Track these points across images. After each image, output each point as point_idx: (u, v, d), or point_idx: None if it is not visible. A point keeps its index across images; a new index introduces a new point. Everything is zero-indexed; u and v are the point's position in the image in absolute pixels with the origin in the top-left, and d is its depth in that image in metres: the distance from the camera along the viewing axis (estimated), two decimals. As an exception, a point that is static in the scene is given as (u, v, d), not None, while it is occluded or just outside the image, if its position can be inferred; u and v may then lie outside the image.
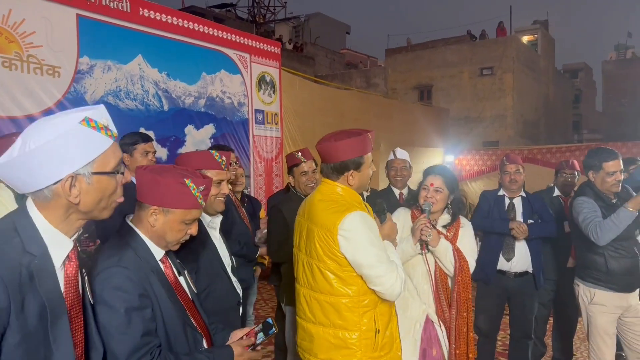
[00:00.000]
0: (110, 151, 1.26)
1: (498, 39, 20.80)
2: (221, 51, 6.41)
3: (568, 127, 28.37)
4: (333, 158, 2.13)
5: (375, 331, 2.10)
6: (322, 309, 2.12)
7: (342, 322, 2.08)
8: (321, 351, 2.13)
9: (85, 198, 1.22)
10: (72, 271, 1.24)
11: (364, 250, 2.02)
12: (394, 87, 21.25)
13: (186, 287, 1.71)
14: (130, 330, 1.43)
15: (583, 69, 36.22)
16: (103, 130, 1.23)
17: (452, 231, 2.78)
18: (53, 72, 4.51)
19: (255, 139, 6.99)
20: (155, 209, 1.58)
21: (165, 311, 1.53)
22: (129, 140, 3.12)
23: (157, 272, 1.58)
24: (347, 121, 9.42)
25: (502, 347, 4.57)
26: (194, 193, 1.59)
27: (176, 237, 1.62)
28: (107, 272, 1.47)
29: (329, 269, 2.08)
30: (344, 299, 2.08)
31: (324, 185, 2.22)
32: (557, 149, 12.16)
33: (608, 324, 3.15)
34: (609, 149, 3.24)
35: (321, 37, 26.62)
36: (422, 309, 2.65)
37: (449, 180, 2.72)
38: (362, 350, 2.08)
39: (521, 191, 3.85)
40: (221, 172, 2.17)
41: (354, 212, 2.03)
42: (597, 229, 2.96)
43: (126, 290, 1.45)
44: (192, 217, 1.62)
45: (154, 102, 5.52)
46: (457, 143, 14.49)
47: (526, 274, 3.72)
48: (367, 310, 2.10)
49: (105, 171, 1.24)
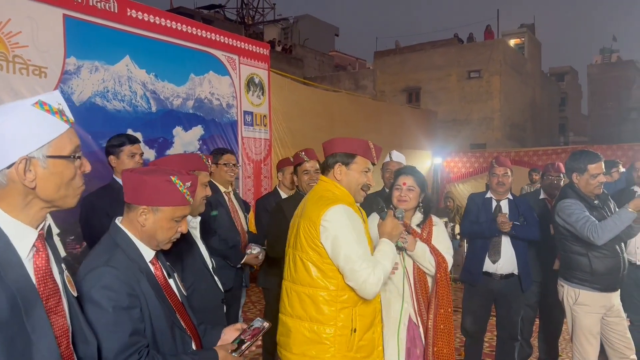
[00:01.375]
0: (66, 136, 1.23)
1: (485, 42, 20.97)
2: (209, 52, 6.39)
3: (554, 130, 28.66)
4: (327, 151, 2.28)
5: (352, 330, 2.11)
6: (301, 302, 2.15)
7: (318, 315, 2.10)
8: (296, 345, 2.14)
9: (42, 183, 1.20)
10: (42, 262, 1.22)
11: (342, 242, 2.06)
12: (382, 89, 21.33)
13: (176, 289, 1.71)
14: (118, 329, 1.43)
15: (569, 73, 36.64)
16: (58, 115, 1.22)
17: (425, 230, 2.86)
18: (39, 72, 4.47)
19: (244, 140, 6.97)
20: (145, 209, 1.58)
21: (154, 312, 1.54)
22: (116, 142, 3.11)
23: (146, 273, 1.59)
24: (336, 123, 9.44)
25: (489, 349, 4.61)
26: (182, 190, 1.60)
27: (167, 235, 1.62)
28: (96, 271, 1.47)
29: (311, 259, 2.13)
30: (323, 291, 2.11)
31: (319, 184, 2.33)
32: (544, 152, 12.30)
33: (593, 324, 3.19)
34: (592, 151, 3.30)
35: (310, 39, 26.64)
36: (404, 307, 2.67)
37: (420, 179, 2.83)
38: (336, 347, 2.09)
39: (508, 194, 3.90)
40: (207, 175, 2.22)
41: (338, 205, 2.11)
42: (597, 228, 2.99)
43: (115, 290, 1.45)
44: (182, 214, 1.63)
45: (141, 104, 5.48)
46: (445, 145, 14.57)
47: (512, 276, 3.76)
48: (346, 307, 2.11)
49: (61, 155, 1.22)
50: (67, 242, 4.58)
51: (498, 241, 3.77)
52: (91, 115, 4.91)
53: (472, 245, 3.99)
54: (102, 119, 5.00)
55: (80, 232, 3.32)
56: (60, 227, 4.34)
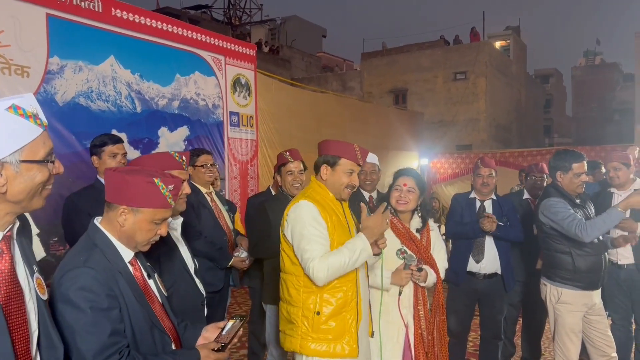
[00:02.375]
0: (40, 140, 1.23)
1: (471, 44, 21.12)
2: (195, 53, 6.36)
3: (539, 131, 28.95)
4: (318, 152, 2.46)
5: (315, 312, 2.27)
6: (281, 286, 2.42)
7: (289, 298, 2.34)
8: (280, 323, 2.45)
9: (12, 187, 1.20)
10: (4, 264, 1.21)
11: (297, 233, 2.25)
12: (369, 90, 21.39)
13: (156, 290, 1.69)
14: (97, 330, 1.42)
15: (554, 75, 37.03)
16: (32, 119, 1.21)
17: (424, 236, 2.84)
18: (22, 72, 4.42)
19: (230, 141, 6.96)
20: (125, 209, 1.57)
21: (133, 313, 1.52)
22: (98, 142, 3.08)
23: (125, 274, 1.57)
24: (324, 124, 9.45)
25: (473, 348, 4.64)
26: (164, 192, 1.59)
27: (146, 237, 1.61)
28: (73, 272, 1.45)
29: (283, 248, 2.39)
30: (291, 277, 2.34)
31: (309, 184, 2.51)
32: (529, 152, 12.42)
33: (575, 323, 3.23)
34: (576, 151, 3.36)
35: (297, 40, 26.62)
36: (404, 313, 2.68)
37: (420, 181, 2.81)
38: (303, 328, 2.28)
39: (492, 194, 3.93)
40: (182, 172, 2.17)
41: (301, 201, 2.31)
42: (585, 226, 3.03)
43: (92, 291, 1.44)
44: (162, 216, 1.62)
45: (126, 104, 5.45)
46: (432, 146, 14.65)
47: (495, 276, 3.80)
48: (310, 291, 2.27)
49: (35, 160, 1.21)
50: (51, 244, 4.54)
51: (482, 241, 3.80)
52: (75, 115, 4.87)
53: (456, 246, 4.02)
54: (86, 119, 4.96)
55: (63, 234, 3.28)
56: (44, 228, 4.29)
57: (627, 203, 3.05)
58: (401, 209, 2.74)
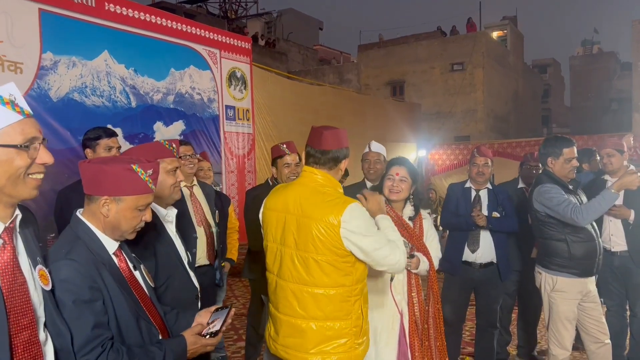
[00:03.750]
0: (17, 126, 1.25)
1: (468, 35, 21.06)
2: (190, 47, 6.35)
3: (537, 122, 28.93)
4: (332, 143, 2.20)
5: (362, 318, 2.20)
6: (317, 303, 2.14)
7: (338, 312, 2.14)
8: (312, 345, 2.15)
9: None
10: (7, 254, 1.24)
11: (367, 237, 2.09)
12: (366, 82, 21.36)
13: (142, 281, 1.69)
14: (80, 323, 1.42)
15: (551, 65, 36.96)
16: (9, 105, 1.24)
17: (417, 224, 2.85)
18: (15, 68, 4.41)
19: (226, 135, 6.95)
20: (107, 199, 1.56)
21: (117, 305, 1.52)
22: (92, 135, 3.06)
23: (109, 265, 1.56)
24: (321, 117, 9.44)
25: (469, 337, 4.67)
26: (143, 178, 1.58)
27: (131, 225, 1.61)
28: (55, 265, 1.45)
29: (327, 260, 2.11)
30: (341, 289, 2.14)
31: (306, 177, 2.25)
32: (527, 143, 12.42)
33: (569, 310, 3.25)
34: (566, 137, 3.37)
35: (294, 33, 26.53)
36: (397, 299, 2.70)
37: (412, 170, 2.81)
38: (351, 338, 2.16)
39: (487, 184, 3.94)
40: (174, 160, 2.15)
41: (352, 204, 2.12)
42: (580, 210, 3.04)
43: (74, 283, 1.43)
44: (145, 202, 1.61)
45: (121, 99, 5.44)
46: (430, 138, 14.66)
47: (491, 265, 3.81)
48: (357, 298, 2.18)
49: (10, 144, 1.23)
50: (48, 239, 4.54)
51: (477, 232, 3.81)
52: (69, 111, 4.85)
53: (451, 235, 4.04)
54: (80, 114, 4.95)
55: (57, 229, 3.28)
56: (40, 224, 4.29)
57: (620, 184, 3.05)
58: (393, 198, 2.75)
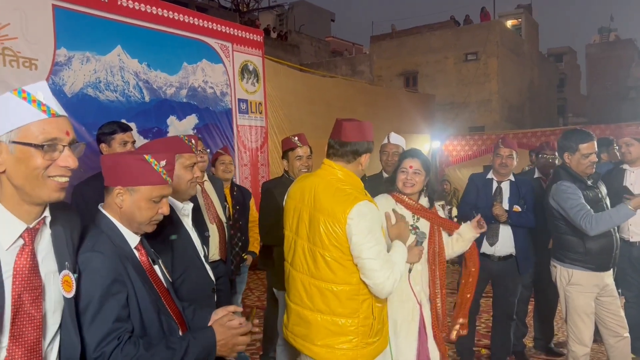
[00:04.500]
0: (40, 124, 1.23)
1: (482, 24, 20.80)
2: (202, 40, 6.34)
3: (553, 111, 28.56)
4: (358, 136, 2.16)
5: (372, 319, 2.17)
6: (323, 297, 2.14)
7: (342, 309, 2.13)
8: (318, 338, 2.16)
9: (10, 168, 1.22)
10: (24, 257, 1.24)
11: (364, 239, 2.05)
12: (379, 74, 21.22)
13: (161, 275, 1.70)
14: (103, 316, 1.42)
15: (567, 53, 36.42)
16: (35, 103, 1.23)
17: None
18: (30, 64, 4.44)
19: (239, 128, 6.95)
20: (120, 190, 1.57)
21: (141, 298, 1.53)
22: (107, 130, 3.08)
23: (131, 259, 1.57)
24: (333, 109, 9.40)
25: (485, 329, 4.63)
26: (157, 169, 1.58)
27: (146, 216, 1.59)
28: (82, 257, 1.46)
29: (333, 257, 2.10)
30: (347, 287, 2.12)
31: (325, 169, 2.23)
32: (542, 133, 12.25)
33: (586, 304, 3.19)
34: (584, 130, 3.25)
35: (306, 25, 26.45)
36: (416, 290, 2.68)
37: (425, 162, 2.79)
38: (359, 337, 2.14)
39: (510, 175, 3.86)
40: (192, 156, 2.14)
41: (363, 202, 2.07)
42: (592, 220, 2.95)
43: (101, 275, 1.44)
44: (159, 194, 1.60)
45: (134, 94, 5.46)
46: (444, 129, 14.55)
47: (510, 257, 3.76)
48: (367, 298, 2.15)
49: (27, 142, 1.21)
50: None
51: (496, 225, 3.75)
52: (84, 106, 4.89)
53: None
54: (95, 110, 4.98)
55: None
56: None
57: (637, 201, 2.94)
58: (408, 192, 2.73)
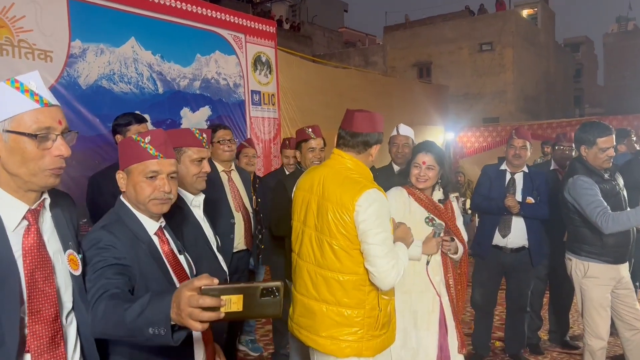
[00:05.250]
0: (33, 114, 1.26)
1: (497, 14, 20.56)
2: (215, 32, 6.34)
3: (569, 102, 28.19)
4: (369, 127, 2.16)
5: (379, 310, 2.15)
6: (328, 286, 2.13)
7: (348, 300, 2.11)
8: (323, 328, 2.15)
9: (5, 157, 1.25)
10: (31, 236, 1.27)
11: (371, 225, 2.04)
12: (392, 65, 21.09)
13: (186, 266, 1.71)
14: (97, 278, 1.44)
15: (584, 43, 35.84)
16: (28, 93, 1.25)
17: (448, 207, 2.81)
18: (45, 56, 4.47)
19: (252, 120, 6.95)
20: (120, 174, 1.64)
21: (151, 281, 1.53)
22: (122, 121, 3.09)
23: (148, 245, 1.59)
24: (346, 100, 9.35)
25: (499, 322, 4.61)
26: (143, 145, 1.60)
27: (145, 194, 1.60)
28: (92, 234, 1.52)
29: (340, 245, 2.09)
30: (353, 276, 2.10)
31: (335, 159, 2.23)
32: (558, 124, 12.10)
33: (602, 297, 3.16)
34: (603, 124, 3.18)
35: (318, 16, 26.32)
36: (436, 281, 2.68)
37: (439, 156, 2.76)
38: (365, 329, 2.12)
39: (524, 167, 3.82)
40: (202, 150, 2.12)
41: (372, 189, 2.07)
42: (608, 219, 2.91)
43: (103, 247, 1.48)
44: (151, 169, 1.61)
45: (148, 85, 5.48)
46: (458, 120, 14.44)
47: (523, 249, 3.74)
48: (373, 289, 2.13)
49: (20, 131, 1.24)
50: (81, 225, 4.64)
51: (509, 217, 3.72)
52: (98, 98, 4.92)
53: (482, 219, 3.97)
54: (109, 102, 5.01)
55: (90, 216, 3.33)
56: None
57: None
58: (421, 187, 2.72)
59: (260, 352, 4.28)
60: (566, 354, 4.17)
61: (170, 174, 1.65)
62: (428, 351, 2.60)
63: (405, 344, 2.59)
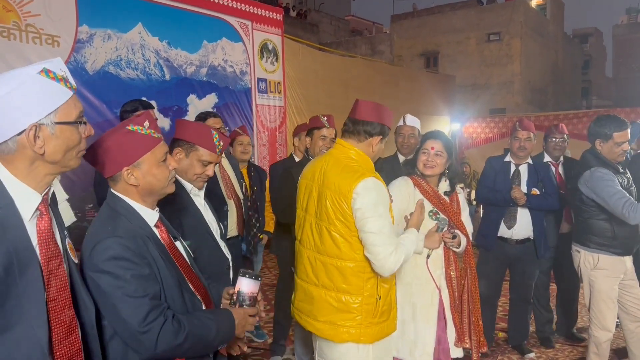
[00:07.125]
0: (71, 102, 1.28)
1: (506, 4, 20.35)
2: (222, 18, 6.32)
3: (577, 94, 27.99)
4: (373, 116, 2.19)
5: (377, 297, 2.15)
6: (327, 272, 2.16)
7: (346, 286, 2.13)
8: (321, 314, 2.17)
9: (50, 148, 1.24)
10: (44, 225, 1.27)
11: (368, 213, 2.05)
12: (399, 54, 20.97)
13: (183, 251, 1.70)
14: (140, 297, 1.42)
15: (593, 34, 35.49)
16: (62, 82, 1.26)
17: (454, 200, 2.79)
18: (52, 41, 4.48)
19: (258, 108, 6.95)
20: (127, 169, 1.54)
21: (164, 277, 1.52)
22: (129, 108, 3.08)
23: (152, 238, 1.56)
24: (352, 89, 9.33)
25: (502, 313, 4.62)
26: (144, 132, 1.55)
27: (163, 179, 1.59)
28: (103, 244, 1.44)
29: (339, 232, 2.11)
30: (351, 263, 2.12)
31: (337, 149, 2.25)
32: (565, 116, 12.01)
33: (611, 289, 3.16)
34: (619, 117, 3.15)
35: (325, 4, 26.16)
36: (436, 275, 2.67)
37: (448, 144, 2.73)
38: (363, 315, 2.13)
39: (528, 158, 3.81)
40: (213, 155, 2.10)
41: (369, 177, 2.09)
42: (634, 208, 2.90)
43: (127, 259, 1.43)
44: (162, 153, 1.60)
45: (155, 72, 5.48)
46: (464, 110, 14.37)
47: (528, 241, 3.73)
48: (372, 276, 2.14)
49: (68, 121, 1.26)
50: (87, 210, 4.67)
51: (514, 208, 3.72)
52: (105, 84, 4.93)
53: (487, 211, 3.96)
54: (116, 87, 5.02)
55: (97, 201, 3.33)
56: (79, 195, 4.42)
57: None
58: (428, 173, 2.68)
59: (265, 338, 4.31)
60: (569, 346, 4.17)
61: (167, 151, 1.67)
62: (426, 343, 2.60)
63: (404, 336, 2.60)
